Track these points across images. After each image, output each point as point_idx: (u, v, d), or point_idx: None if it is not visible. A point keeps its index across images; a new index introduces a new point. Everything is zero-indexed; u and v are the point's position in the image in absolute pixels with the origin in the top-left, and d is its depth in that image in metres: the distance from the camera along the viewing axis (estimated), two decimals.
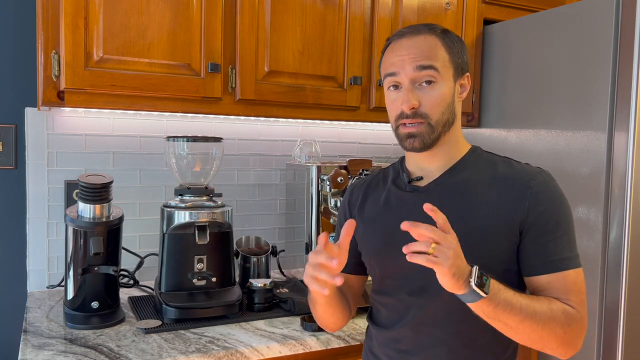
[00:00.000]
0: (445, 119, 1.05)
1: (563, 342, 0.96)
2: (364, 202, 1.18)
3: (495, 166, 1.08)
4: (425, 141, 1.04)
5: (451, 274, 0.87)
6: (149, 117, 1.81)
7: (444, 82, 1.04)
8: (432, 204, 1.04)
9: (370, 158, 1.83)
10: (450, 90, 1.05)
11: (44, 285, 1.70)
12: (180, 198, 1.54)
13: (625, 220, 1.49)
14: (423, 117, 1.03)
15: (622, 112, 1.50)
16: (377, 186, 1.18)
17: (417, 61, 1.02)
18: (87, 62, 1.38)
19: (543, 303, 0.96)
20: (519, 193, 1.01)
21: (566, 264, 0.99)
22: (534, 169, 1.06)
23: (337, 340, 1.37)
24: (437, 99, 1.03)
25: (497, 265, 1.01)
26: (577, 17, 1.64)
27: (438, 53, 1.04)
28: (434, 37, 1.05)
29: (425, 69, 1.02)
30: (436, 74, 1.02)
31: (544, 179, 1.03)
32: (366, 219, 1.16)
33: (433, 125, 1.03)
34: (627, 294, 1.50)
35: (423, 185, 1.09)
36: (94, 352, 1.22)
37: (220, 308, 1.45)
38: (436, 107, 1.03)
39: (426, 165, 1.10)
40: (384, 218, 1.12)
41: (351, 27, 1.72)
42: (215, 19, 1.52)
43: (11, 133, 1.66)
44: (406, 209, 1.09)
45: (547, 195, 1.01)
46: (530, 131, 1.81)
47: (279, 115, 1.68)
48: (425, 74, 1.02)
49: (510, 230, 1.01)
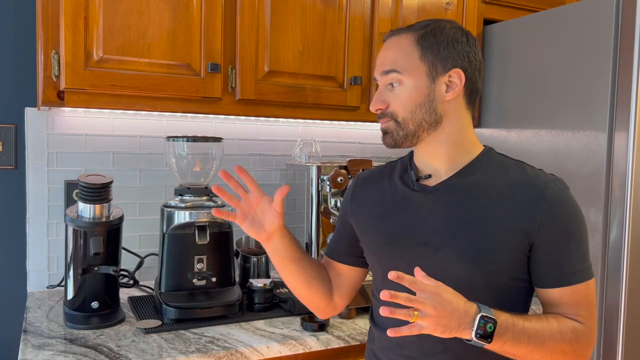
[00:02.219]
0: (418, 117, 1.02)
1: (572, 358, 0.97)
2: (368, 196, 1.16)
3: (508, 170, 1.04)
4: (395, 137, 1.05)
5: (441, 333, 0.87)
6: (149, 117, 1.81)
7: (411, 82, 1.02)
8: (440, 205, 1.04)
9: (370, 158, 1.83)
10: (422, 89, 1.02)
11: (44, 285, 1.70)
12: (180, 198, 1.54)
13: (625, 220, 1.49)
14: (389, 115, 1.04)
15: (622, 112, 1.50)
16: (383, 179, 1.16)
17: (382, 67, 1.05)
18: (87, 62, 1.38)
19: (552, 325, 0.96)
20: (531, 202, 0.98)
21: (578, 277, 0.98)
22: (548, 177, 1.02)
23: (337, 340, 1.37)
24: (402, 99, 1.02)
25: (506, 274, 1.00)
26: (577, 17, 1.64)
27: (405, 53, 1.02)
28: (408, 36, 1.03)
29: (387, 73, 1.03)
30: (399, 76, 1.02)
31: (558, 189, 1.00)
32: (371, 215, 1.14)
33: (400, 122, 1.03)
34: (627, 294, 1.50)
35: (432, 185, 1.07)
36: (94, 352, 1.22)
37: (220, 308, 1.45)
38: (401, 107, 1.03)
39: (431, 163, 1.08)
40: (389, 215, 1.10)
41: (351, 27, 1.72)
42: (215, 19, 1.52)
43: (11, 133, 1.66)
44: (413, 208, 1.07)
45: (561, 207, 0.99)
46: (530, 131, 1.81)
47: (279, 115, 1.68)
48: (389, 78, 1.04)
49: (521, 240, 0.98)
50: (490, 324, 0.88)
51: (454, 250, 1.01)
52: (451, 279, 0.99)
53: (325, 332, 1.39)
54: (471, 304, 0.90)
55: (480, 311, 0.89)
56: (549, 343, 0.94)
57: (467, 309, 0.89)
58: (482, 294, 0.98)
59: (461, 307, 0.88)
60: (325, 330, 1.40)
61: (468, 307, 0.89)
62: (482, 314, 0.88)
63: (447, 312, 0.87)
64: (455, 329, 0.88)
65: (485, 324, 0.88)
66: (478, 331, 0.87)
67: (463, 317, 0.88)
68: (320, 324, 1.40)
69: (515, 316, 0.93)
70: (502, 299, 1.00)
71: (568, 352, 0.96)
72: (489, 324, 0.88)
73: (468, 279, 0.99)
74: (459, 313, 0.88)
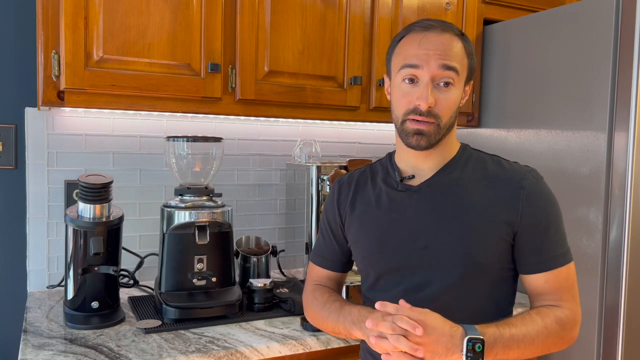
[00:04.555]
0: (451, 122, 1.05)
1: (561, 344, 1.01)
2: (354, 200, 1.17)
3: (486, 165, 1.09)
4: (431, 141, 1.03)
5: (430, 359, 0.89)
6: (149, 117, 1.81)
7: (459, 85, 1.03)
8: (425, 204, 1.06)
9: (370, 158, 1.83)
10: (460, 94, 1.05)
11: (44, 285, 1.70)
12: (180, 198, 1.54)
13: (625, 220, 1.49)
14: (435, 117, 1.01)
15: (622, 112, 1.50)
16: (366, 183, 1.16)
17: (444, 59, 0.99)
18: (87, 62, 1.38)
19: (537, 323, 0.99)
20: (511, 193, 1.03)
21: (559, 261, 1.04)
22: (524, 168, 1.07)
23: (337, 340, 1.37)
24: (450, 102, 1.02)
25: (492, 264, 1.04)
26: (577, 17, 1.64)
27: (461, 56, 1.02)
28: (458, 40, 1.03)
29: (449, 69, 1.00)
30: (456, 76, 1.01)
31: (534, 179, 1.05)
32: (358, 218, 1.15)
33: (441, 127, 1.02)
34: (627, 294, 1.50)
35: (415, 185, 1.09)
36: (94, 352, 1.22)
37: (220, 308, 1.45)
38: (448, 110, 1.02)
39: (419, 164, 1.09)
40: (376, 218, 1.11)
41: (351, 27, 1.72)
42: (215, 19, 1.52)
43: (11, 133, 1.66)
44: (399, 208, 1.08)
45: (539, 195, 1.04)
46: (530, 131, 1.81)
47: (279, 115, 1.67)
48: (447, 74, 1.00)
49: (504, 230, 1.02)
50: (479, 344, 0.89)
51: (442, 247, 1.03)
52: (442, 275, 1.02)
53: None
54: (457, 327, 0.91)
55: (467, 334, 0.90)
56: (538, 341, 0.97)
57: (452, 333, 0.90)
58: (472, 287, 1.03)
59: (446, 332, 0.90)
60: None
61: (454, 331, 0.90)
62: (468, 337, 0.89)
63: (433, 338, 0.89)
64: (444, 354, 0.89)
65: (474, 345, 0.89)
66: (468, 354, 0.88)
67: (449, 341, 0.89)
68: None
69: (500, 325, 0.95)
70: (492, 290, 1.05)
71: (557, 341, 1.00)
72: (477, 344, 0.89)
73: (458, 273, 1.02)
74: (445, 338, 0.89)
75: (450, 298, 1.03)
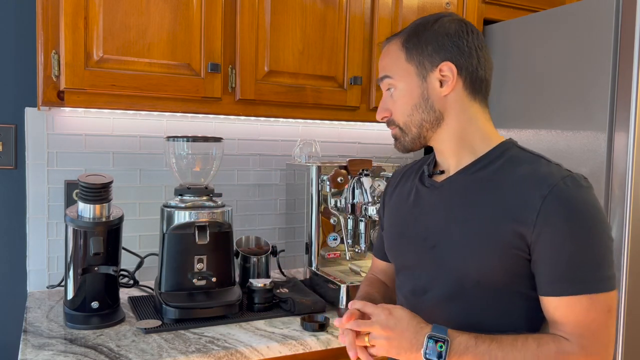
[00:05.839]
0: (417, 119, 1.00)
1: None
2: (394, 191, 1.17)
3: (518, 166, 0.95)
4: (403, 143, 1.05)
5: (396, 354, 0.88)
6: (149, 117, 1.81)
7: (403, 85, 1.01)
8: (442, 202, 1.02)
9: (370, 158, 1.83)
10: (415, 90, 1.00)
11: (44, 285, 1.70)
12: (180, 198, 1.54)
13: (625, 220, 1.49)
14: (393, 123, 1.05)
15: (622, 112, 1.50)
16: (410, 176, 1.15)
17: (381, 71, 1.06)
18: (87, 62, 1.38)
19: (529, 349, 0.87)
20: (531, 201, 0.89)
21: (577, 288, 0.86)
22: (562, 172, 0.91)
23: (337, 340, 1.37)
24: (399, 104, 1.02)
25: (498, 274, 0.92)
26: (577, 17, 1.64)
27: (393, 58, 1.03)
28: (395, 41, 1.04)
29: (382, 80, 1.05)
30: (392, 81, 1.03)
31: (567, 187, 0.88)
32: (390, 210, 1.16)
33: (403, 128, 1.03)
34: (627, 294, 1.49)
35: (439, 181, 1.05)
36: (94, 352, 1.22)
37: (220, 308, 1.45)
38: (400, 112, 1.02)
39: (443, 160, 1.06)
40: (402, 212, 1.11)
41: (351, 27, 1.72)
42: (215, 19, 1.52)
43: (11, 133, 1.66)
44: (420, 204, 1.06)
45: (565, 205, 0.87)
46: (530, 131, 1.81)
47: (279, 115, 1.67)
48: (384, 84, 1.04)
49: (514, 241, 0.90)
50: (441, 343, 0.86)
51: (448, 248, 0.98)
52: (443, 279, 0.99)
53: (325, 332, 1.39)
54: (426, 325, 0.89)
55: (432, 331, 0.88)
56: None
57: (418, 329, 0.88)
58: (473, 294, 0.95)
59: (412, 327, 0.88)
60: (325, 330, 1.40)
61: (420, 328, 0.89)
62: (430, 334, 0.87)
63: (397, 332, 0.88)
64: (408, 349, 0.87)
65: (436, 343, 0.86)
66: (427, 351, 0.85)
67: (414, 337, 0.88)
68: (321, 324, 1.40)
69: (481, 337, 0.88)
70: (495, 303, 0.94)
71: None
72: (440, 343, 0.86)
73: (460, 277, 0.96)
74: (409, 333, 0.88)
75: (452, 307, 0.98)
